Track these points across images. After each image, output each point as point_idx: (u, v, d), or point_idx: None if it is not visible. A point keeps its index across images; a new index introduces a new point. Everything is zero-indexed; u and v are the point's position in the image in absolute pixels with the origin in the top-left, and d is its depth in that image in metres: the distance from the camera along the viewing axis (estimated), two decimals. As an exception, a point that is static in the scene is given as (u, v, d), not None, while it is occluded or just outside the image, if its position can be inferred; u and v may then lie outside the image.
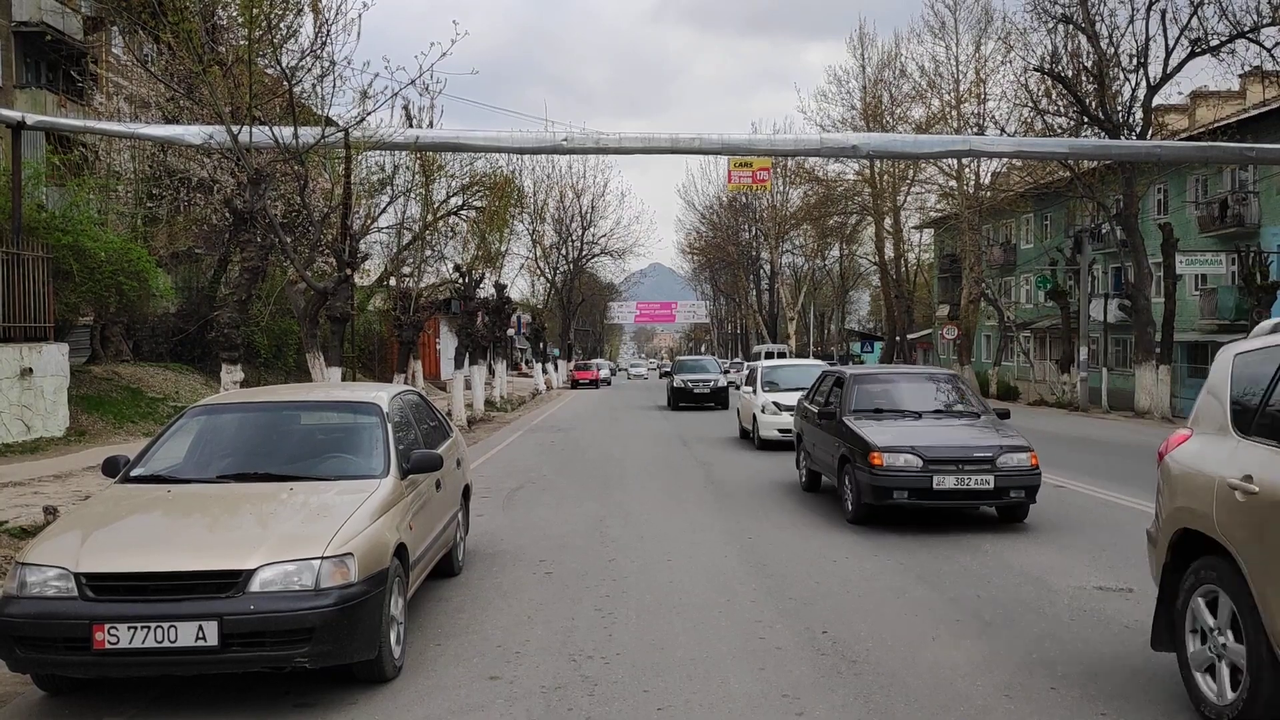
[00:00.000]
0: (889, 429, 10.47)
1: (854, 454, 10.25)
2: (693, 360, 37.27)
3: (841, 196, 53.29)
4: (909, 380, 12.27)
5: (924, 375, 12.64)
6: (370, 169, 25.04)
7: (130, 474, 6.42)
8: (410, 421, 7.54)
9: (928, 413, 11.10)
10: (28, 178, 19.23)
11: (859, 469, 10.08)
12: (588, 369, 59.95)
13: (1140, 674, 5.64)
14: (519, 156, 34.94)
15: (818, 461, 12.15)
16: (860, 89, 47.57)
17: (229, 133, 14.74)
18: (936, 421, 10.91)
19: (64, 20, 30.08)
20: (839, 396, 11.50)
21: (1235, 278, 29.73)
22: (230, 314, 14.04)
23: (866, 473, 9.88)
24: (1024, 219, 48.31)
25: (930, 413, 11.13)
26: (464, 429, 22.13)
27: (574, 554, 9.07)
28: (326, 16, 15.09)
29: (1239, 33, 24.46)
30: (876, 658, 5.99)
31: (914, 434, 10.30)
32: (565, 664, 5.92)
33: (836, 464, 10.92)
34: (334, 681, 5.55)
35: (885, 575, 8.15)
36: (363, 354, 34.47)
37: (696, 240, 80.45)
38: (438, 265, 29.95)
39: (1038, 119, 29.30)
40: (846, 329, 77.01)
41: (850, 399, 11.31)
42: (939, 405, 11.44)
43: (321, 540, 5.27)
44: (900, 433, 10.34)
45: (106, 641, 4.86)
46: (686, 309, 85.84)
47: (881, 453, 9.82)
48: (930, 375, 12.56)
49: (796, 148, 27.01)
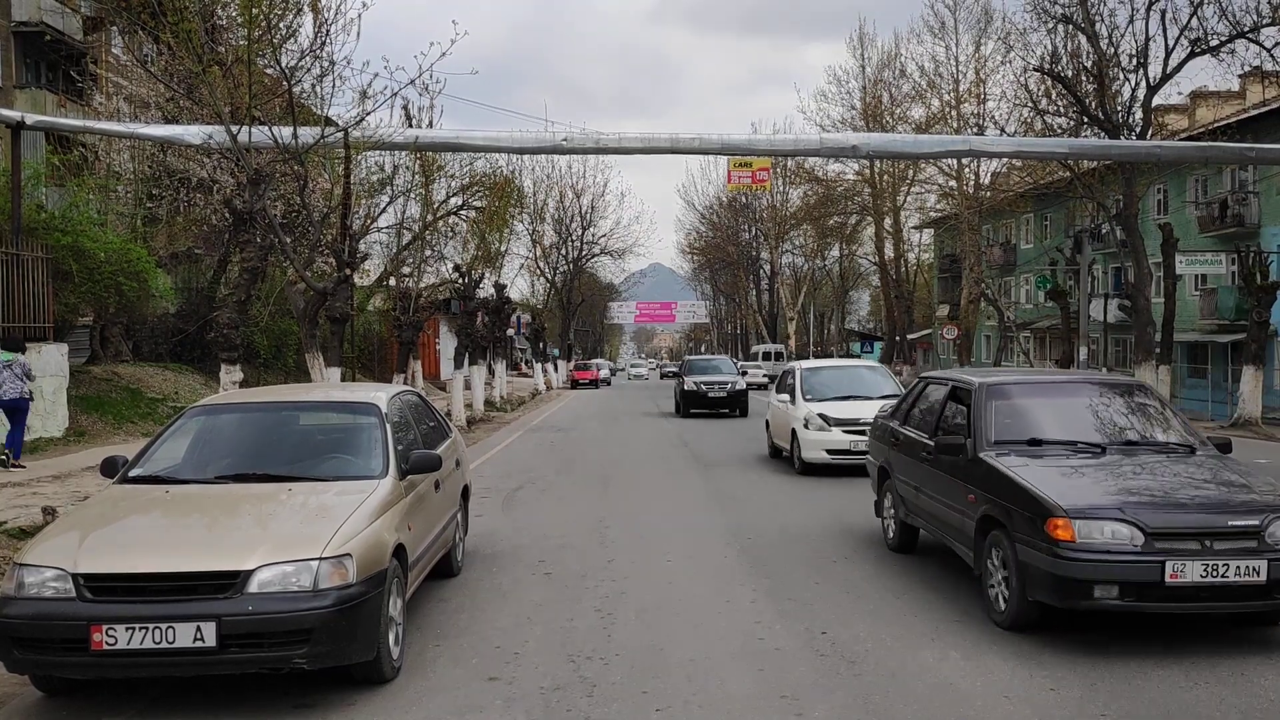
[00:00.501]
0: (1071, 477, 6.56)
1: (1012, 518, 6.43)
2: (705, 360, 32.70)
3: (841, 196, 53.31)
4: (1072, 391, 8.22)
5: (1092, 383, 8.37)
6: (370, 169, 25.04)
7: (129, 474, 6.42)
8: (409, 422, 7.53)
9: (1114, 444, 7.19)
10: (27, 178, 19.21)
11: (1025, 543, 6.23)
12: (588, 369, 59.92)
13: (1139, 676, 5.63)
14: (519, 156, 34.95)
15: (922, 513, 8.27)
16: (860, 89, 47.65)
17: (229, 133, 14.73)
18: (1132, 459, 6.99)
19: (64, 20, 30.06)
20: (965, 417, 7.67)
21: (1235, 278, 29.68)
22: (229, 314, 14.03)
23: (1044, 552, 6.04)
24: (1024, 219, 48.30)
25: (1118, 444, 7.20)
26: (464, 429, 22.12)
27: (573, 554, 9.06)
28: (326, 16, 15.11)
29: (1239, 33, 24.42)
30: (876, 658, 5.98)
31: (1114, 483, 6.47)
32: (564, 665, 5.91)
33: (973, 528, 6.98)
34: (332, 682, 5.54)
35: (885, 576, 8.14)
36: (362, 354, 34.45)
37: (696, 240, 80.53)
38: (437, 265, 29.96)
39: (1037, 119, 29.26)
40: (846, 329, 76.98)
41: (987, 423, 7.35)
42: (1128, 432, 7.48)
43: (320, 541, 5.26)
44: (1092, 484, 6.45)
45: (104, 642, 4.86)
46: (686, 309, 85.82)
47: (1072, 519, 5.98)
48: (1102, 384, 8.35)
49: (796, 148, 26.98)
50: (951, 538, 7.59)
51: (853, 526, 10.32)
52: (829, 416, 14.37)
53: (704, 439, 21.13)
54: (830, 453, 14.16)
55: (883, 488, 9.41)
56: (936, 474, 7.87)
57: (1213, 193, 34.41)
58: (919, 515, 8.39)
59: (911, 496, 8.51)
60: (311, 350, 15.47)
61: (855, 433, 13.59)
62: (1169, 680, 5.54)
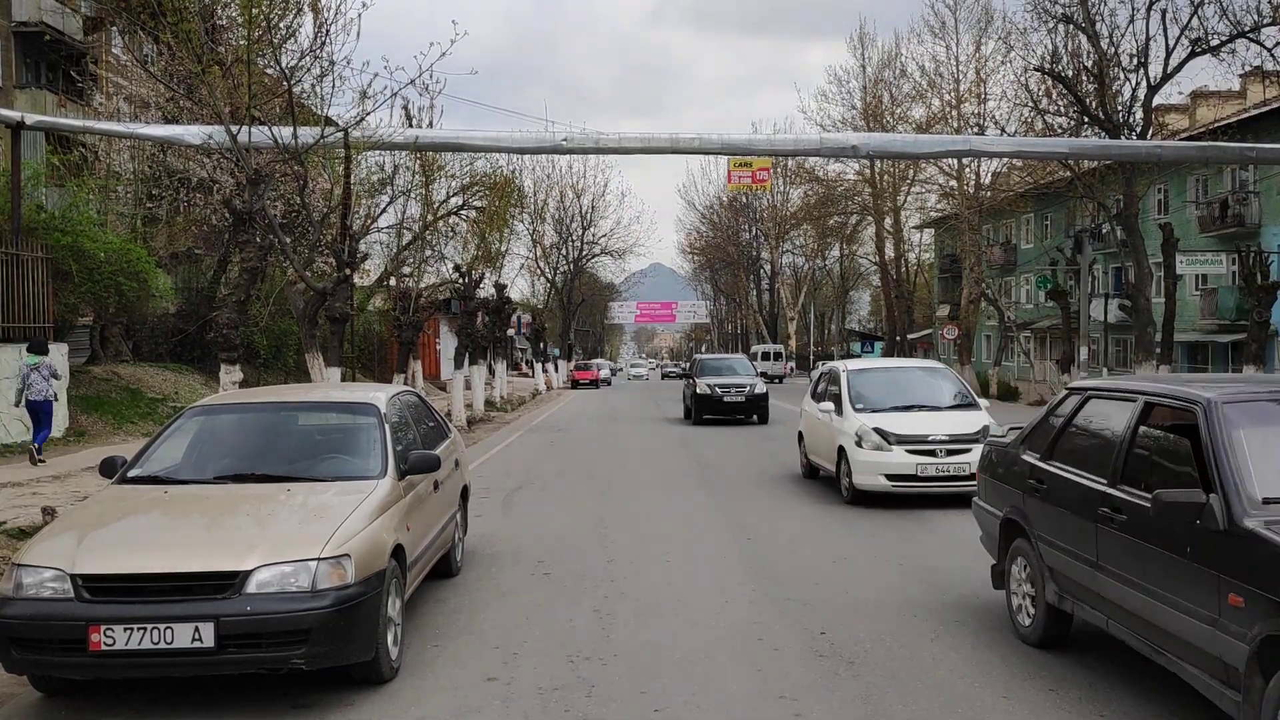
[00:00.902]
0: None
1: None
2: (719, 360, 29.16)
3: (841, 196, 53.35)
4: None
5: None
6: (370, 169, 25.02)
7: (128, 475, 6.42)
8: (408, 422, 7.53)
9: None
10: (27, 178, 19.21)
11: None
12: (588, 369, 59.95)
13: (1139, 675, 5.62)
14: (519, 156, 34.92)
15: (1097, 601, 5.46)
16: (860, 89, 47.66)
17: (228, 133, 14.73)
18: None
19: (64, 20, 30.07)
20: (1187, 457, 4.96)
21: (1235, 278, 29.69)
22: (229, 314, 14.02)
23: None
24: (1024, 219, 48.31)
25: None
26: (463, 429, 22.11)
27: (572, 555, 9.05)
28: (326, 16, 15.09)
29: (1239, 32, 24.42)
30: (875, 658, 5.97)
31: None
32: (563, 665, 5.91)
33: (1243, 655, 4.13)
34: (331, 683, 5.54)
35: (884, 576, 8.13)
36: (362, 354, 34.45)
37: (697, 240, 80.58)
38: (438, 265, 29.96)
39: (1038, 119, 29.26)
40: (846, 329, 77.03)
41: (1241, 469, 4.49)
42: None
43: (319, 541, 5.26)
44: None
45: (103, 643, 4.86)
46: (687, 309, 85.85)
47: None
48: None
49: (796, 148, 26.99)
50: (1175, 654, 4.79)
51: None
52: (888, 432, 11.55)
53: (716, 450, 18.29)
54: (891, 479, 11.38)
55: (1011, 550, 6.49)
56: (1138, 546, 4.98)
57: (1213, 193, 34.41)
58: (1090, 602, 5.55)
59: (1072, 570, 5.67)
60: (311, 350, 15.46)
61: (923, 453, 11.36)
62: (1169, 680, 5.53)
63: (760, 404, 25.04)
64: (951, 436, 11.47)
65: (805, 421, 14.34)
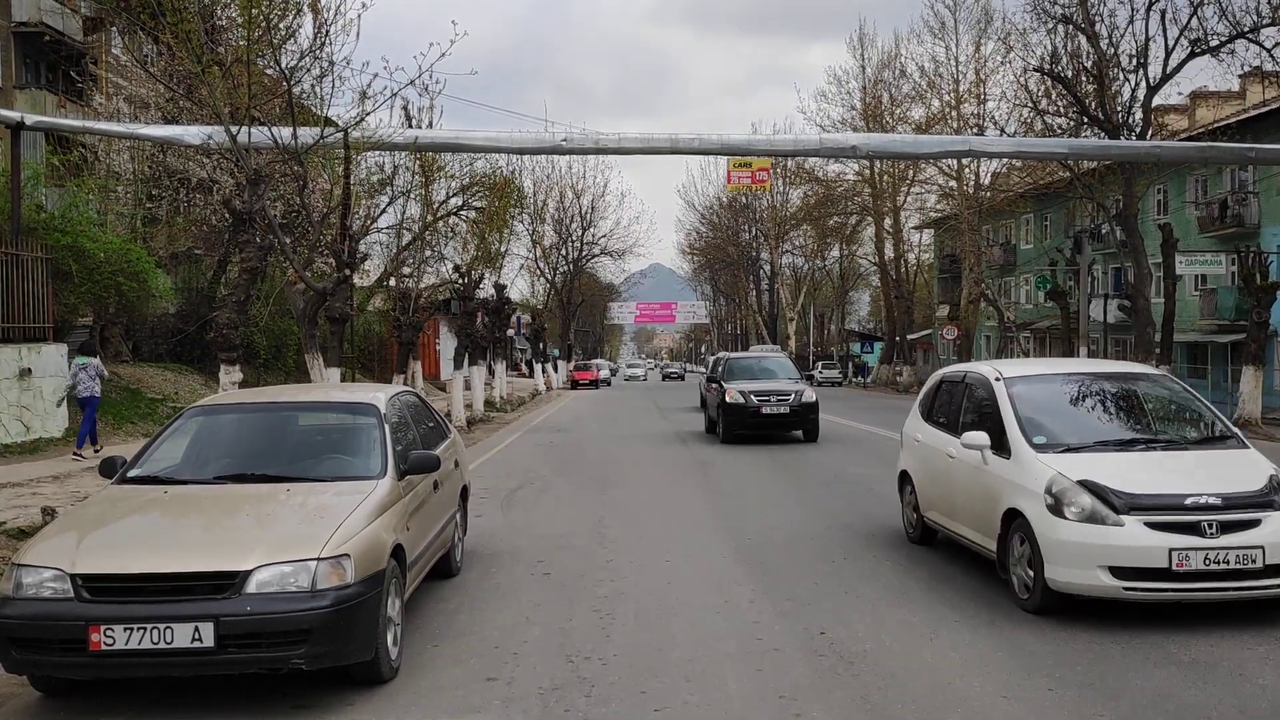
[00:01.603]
0: None
1: None
2: (753, 359, 23.28)
3: (841, 197, 53.36)
4: None
5: None
6: (370, 169, 25.02)
7: (127, 475, 6.42)
8: (408, 422, 7.53)
9: None
10: (27, 178, 19.20)
11: None
12: (587, 369, 59.96)
13: (1139, 676, 5.63)
14: (519, 157, 34.93)
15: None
16: (860, 89, 47.71)
17: (228, 133, 14.73)
18: None
19: (63, 21, 30.07)
20: None
21: (1235, 278, 29.66)
22: (229, 315, 14.02)
23: None
24: (1024, 219, 48.31)
25: None
26: (463, 429, 22.12)
27: (572, 555, 9.05)
28: (326, 17, 15.10)
29: (1239, 33, 24.42)
30: (875, 658, 5.98)
31: None
32: (563, 665, 5.91)
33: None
34: (331, 683, 5.54)
35: (884, 576, 8.13)
36: (362, 354, 34.45)
37: (696, 241, 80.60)
38: (437, 265, 29.96)
39: (1037, 119, 29.29)
40: (846, 329, 77.02)
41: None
42: None
43: (318, 541, 5.26)
44: None
45: (103, 643, 4.86)
46: (686, 309, 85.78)
47: None
48: None
49: (796, 148, 26.98)
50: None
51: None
52: (1110, 490, 6.65)
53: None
54: (1121, 574, 6.43)
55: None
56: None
57: (1213, 193, 34.40)
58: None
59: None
60: (311, 350, 15.46)
61: (1178, 528, 6.44)
62: (1169, 680, 5.54)
63: (810, 416, 19.45)
64: (1225, 499, 6.54)
65: (916, 457, 9.39)
